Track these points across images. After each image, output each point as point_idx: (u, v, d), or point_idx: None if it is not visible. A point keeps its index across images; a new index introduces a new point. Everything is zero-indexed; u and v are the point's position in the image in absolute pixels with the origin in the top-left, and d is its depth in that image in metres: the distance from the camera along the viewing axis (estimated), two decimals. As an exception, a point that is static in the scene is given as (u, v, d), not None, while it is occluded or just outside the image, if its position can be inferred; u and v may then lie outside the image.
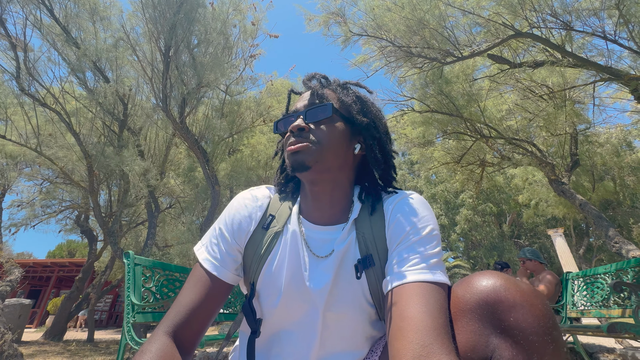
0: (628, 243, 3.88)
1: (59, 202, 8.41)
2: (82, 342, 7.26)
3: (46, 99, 4.41)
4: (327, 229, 0.72)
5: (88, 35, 4.61)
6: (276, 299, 0.69)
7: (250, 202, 0.78)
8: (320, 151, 0.69)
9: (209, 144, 5.95)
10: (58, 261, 16.27)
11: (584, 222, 11.60)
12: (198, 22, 4.59)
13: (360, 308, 0.67)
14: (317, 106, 0.72)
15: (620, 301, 2.58)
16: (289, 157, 0.71)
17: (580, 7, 3.89)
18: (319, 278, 0.68)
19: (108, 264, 8.60)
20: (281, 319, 0.69)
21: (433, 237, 0.65)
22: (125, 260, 2.20)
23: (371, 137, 0.76)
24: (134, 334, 1.99)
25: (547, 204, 8.03)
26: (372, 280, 0.66)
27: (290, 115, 0.77)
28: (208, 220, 4.80)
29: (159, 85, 4.45)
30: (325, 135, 0.70)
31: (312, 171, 0.69)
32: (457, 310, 0.55)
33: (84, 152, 4.29)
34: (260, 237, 0.73)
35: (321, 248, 0.71)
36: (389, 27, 4.81)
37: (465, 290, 0.55)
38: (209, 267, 0.70)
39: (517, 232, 16.45)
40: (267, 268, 0.71)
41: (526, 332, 0.47)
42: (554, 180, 5.22)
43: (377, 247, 0.68)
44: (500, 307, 0.50)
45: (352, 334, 0.68)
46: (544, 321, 0.48)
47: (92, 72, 4.73)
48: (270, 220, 0.75)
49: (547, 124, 5.40)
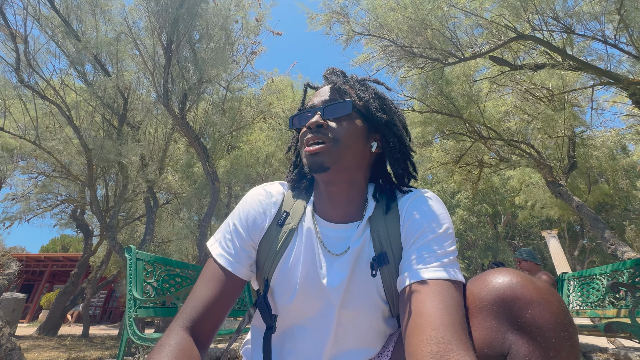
0: (623, 245, 3.95)
1: (54, 196, 8.33)
2: (77, 337, 7.22)
3: (46, 91, 4.35)
4: (341, 227, 0.72)
5: (89, 28, 4.56)
6: (291, 296, 0.69)
7: (265, 198, 0.77)
8: (339, 150, 0.68)
9: (208, 140, 5.92)
10: (52, 256, 16.12)
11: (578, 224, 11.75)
12: (200, 17, 4.56)
13: (374, 305, 0.67)
14: (336, 102, 0.71)
15: (615, 302, 2.63)
16: (307, 158, 0.69)
17: (582, 11, 3.93)
18: (335, 276, 0.68)
19: (104, 259, 8.55)
20: (295, 315, 0.70)
21: (449, 236, 0.65)
22: (127, 255, 2.20)
23: (391, 134, 0.76)
24: (136, 328, 1.99)
25: (543, 206, 8.12)
26: (386, 277, 0.67)
27: (307, 110, 0.74)
28: (207, 217, 4.79)
29: (160, 80, 4.42)
30: (344, 133, 0.69)
31: (331, 172, 0.67)
32: (474, 307, 0.55)
33: (83, 145, 4.25)
34: (275, 234, 0.73)
35: (336, 246, 0.71)
36: (391, 26, 4.82)
37: (481, 287, 0.55)
38: (223, 263, 0.70)
39: (511, 233, 16.63)
40: (282, 265, 0.71)
41: (543, 329, 0.47)
42: (551, 182, 5.28)
43: (391, 245, 0.69)
44: (517, 304, 0.50)
45: (365, 330, 0.68)
46: (560, 318, 0.48)
47: (92, 66, 4.68)
48: (285, 217, 0.75)
49: (545, 126, 5.45)
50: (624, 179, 9.47)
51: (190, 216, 7.86)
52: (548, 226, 12.86)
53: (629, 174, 9.71)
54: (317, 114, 0.70)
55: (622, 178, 9.44)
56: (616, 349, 3.93)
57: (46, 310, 13.58)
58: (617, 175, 9.17)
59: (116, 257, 9.34)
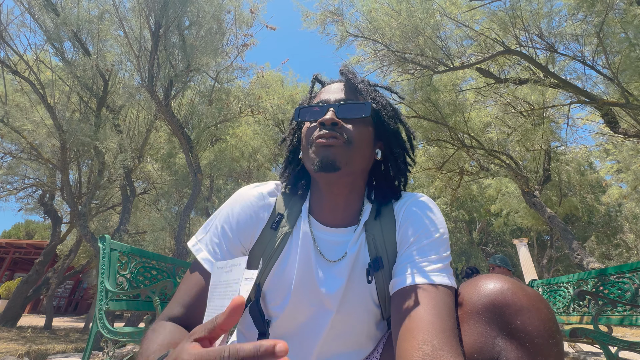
0: (589, 255, 4.19)
1: (21, 178, 7.81)
2: (38, 328, 6.83)
3: (18, 66, 4.06)
4: (338, 231, 0.71)
5: (69, 3, 4.29)
6: (284, 301, 0.67)
7: (257, 200, 0.73)
8: (351, 152, 0.66)
9: (192, 131, 5.75)
10: (14, 242, 15.14)
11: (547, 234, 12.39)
12: (191, 3, 4.41)
13: (367, 309, 0.67)
14: (353, 102, 0.69)
15: (579, 309, 2.78)
16: (319, 151, 0.65)
17: (564, 32, 4.13)
18: (332, 282, 0.67)
19: (72, 248, 8.13)
20: (286, 320, 0.68)
21: (444, 241, 0.65)
22: (101, 245, 2.09)
23: (398, 145, 0.75)
24: (107, 321, 1.90)
25: (517, 215, 8.49)
26: (380, 282, 0.66)
27: (317, 105, 0.70)
28: (187, 209, 4.65)
29: (145, 65, 4.24)
30: (357, 135, 0.67)
31: (340, 173, 0.65)
32: (464, 312, 0.55)
33: (57, 126, 4.00)
34: (269, 238, 0.70)
35: (332, 251, 0.70)
36: (385, 31, 4.87)
37: (472, 292, 0.56)
38: (209, 268, 0.65)
39: (485, 239, 17.28)
40: (276, 270, 0.68)
41: (532, 335, 0.48)
42: (527, 192, 5.52)
43: (386, 250, 0.68)
44: (507, 310, 0.50)
45: (356, 334, 0.68)
46: (549, 325, 0.49)
47: (71, 43, 4.41)
48: (279, 220, 0.72)
49: (524, 139, 5.70)
50: (589, 194, 10.09)
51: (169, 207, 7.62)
52: (519, 235, 13.47)
53: (594, 189, 10.35)
54: (330, 110, 0.66)
55: (588, 192, 10.05)
56: (576, 353, 4.18)
57: (5, 300, 12.76)
58: (584, 190, 9.75)
59: (86, 246, 8.90)
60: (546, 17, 4.19)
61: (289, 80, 7.89)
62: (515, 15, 3.94)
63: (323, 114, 0.67)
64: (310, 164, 0.67)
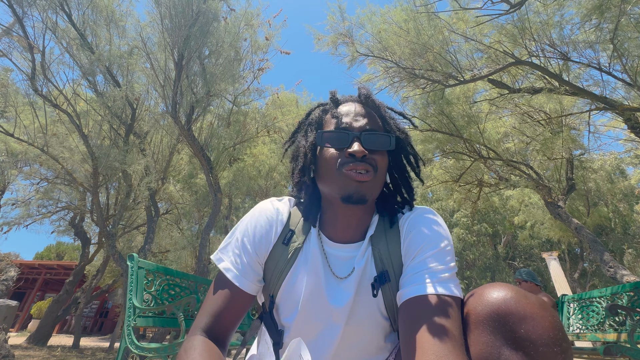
0: (622, 268, 3.94)
1: (54, 202, 8.32)
2: (67, 348, 7.05)
3: (58, 100, 4.47)
4: (346, 247, 0.74)
5: (102, 41, 4.74)
6: (293, 314, 0.70)
7: (273, 214, 0.77)
8: (377, 182, 0.69)
9: (212, 152, 6.01)
10: (46, 263, 15.85)
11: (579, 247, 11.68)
12: (211, 35, 4.74)
13: (375, 322, 0.69)
14: (379, 133, 0.70)
15: (615, 325, 2.61)
16: (351, 184, 0.66)
17: (577, 39, 4.10)
18: (340, 296, 0.69)
19: (100, 268, 8.45)
20: (298, 332, 0.70)
21: (448, 252, 0.66)
22: (129, 263, 2.21)
23: (414, 171, 0.79)
24: (134, 337, 1.98)
25: (543, 227, 8.12)
26: (387, 295, 0.68)
27: (342, 131, 0.70)
28: (208, 227, 4.80)
29: (169, 92, 4.56)
30: (382, 166, 0.70)
31: (365, 204, 0.68)
32: (469, 322, 0.55)
33: (90, 153, 4.32)
34: (280, 252, 0.74)
35: (341, 266, 0.72)
36: (394, 49, 5.01)
37: (476, 302, 0.56)
38: (231, 277, 0.70)
39: (512, 253, 16.47)
40: (287, 283, 0.72)
41: (537, 344, 0.47)
42: (550, 203, 5.32)
43: (392, 263, 0.70)
44: (511, 319, 0.50)
45: (366, 346, 0.70)
46: (553, 333, 0.49)
47: (103, 76, 4.83)
48: (290, 236, 0.75)
49: (543, 148, 5.55)
50: (622, 203, 9.51)
51: (190, 227, 7.84)
52: (548, 248, 12.77)
53: (627, 198, 9.76)
54: (357, 142, 0.67)
55: (621, 201, 9.48)
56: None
57: (36, 320, 13.24)
58: (616, 199, 9.21)
59: (112, 266, 9.23)
60: (557, 27, 4.18)
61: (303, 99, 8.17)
62: (524, 27, 3.97)
63: (348, 142, 0.69)
64: (336, 192, 0.69)
